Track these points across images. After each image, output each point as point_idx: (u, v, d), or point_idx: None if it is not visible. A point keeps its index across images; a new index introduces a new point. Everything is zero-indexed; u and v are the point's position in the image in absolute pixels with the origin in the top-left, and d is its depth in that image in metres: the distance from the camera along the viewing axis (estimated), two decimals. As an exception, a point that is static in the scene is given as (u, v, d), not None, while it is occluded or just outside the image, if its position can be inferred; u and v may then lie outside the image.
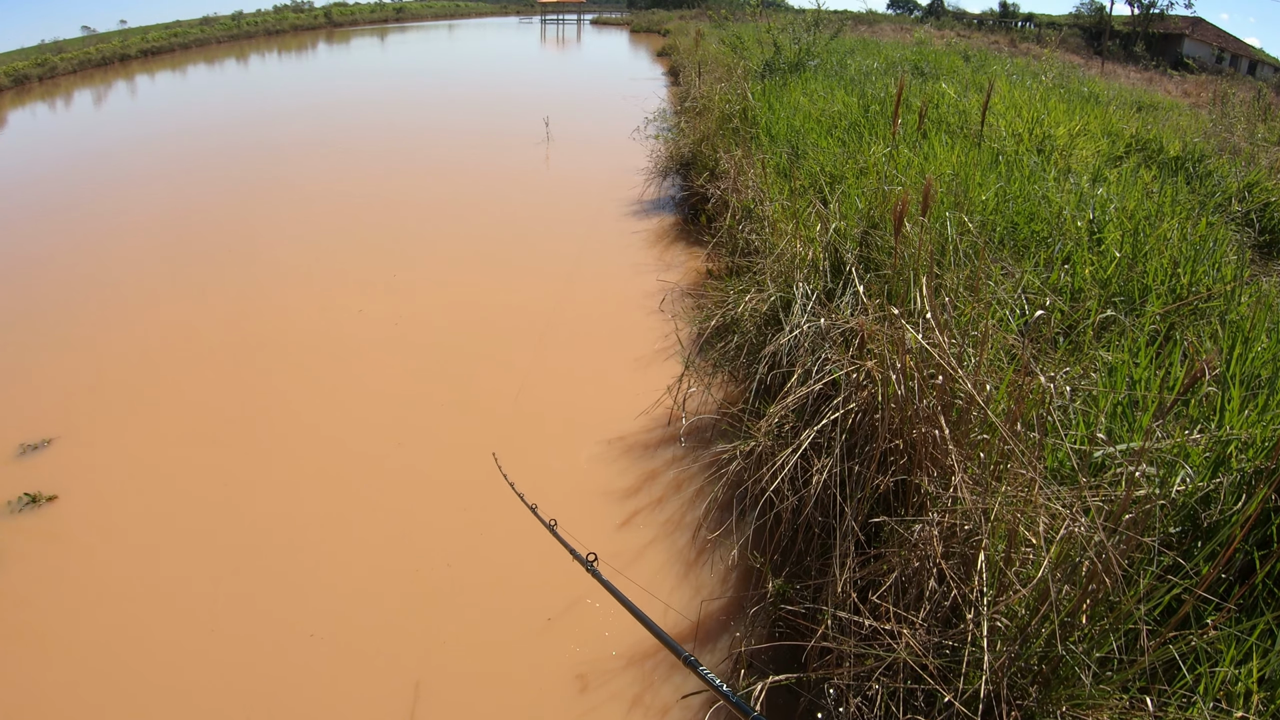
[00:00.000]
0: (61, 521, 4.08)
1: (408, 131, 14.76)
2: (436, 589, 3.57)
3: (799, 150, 6.93)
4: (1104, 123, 8.21)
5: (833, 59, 12.44)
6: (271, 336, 6.06)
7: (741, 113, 9.07)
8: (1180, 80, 22.46)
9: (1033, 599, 2.13)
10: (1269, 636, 2.04)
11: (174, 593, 3.58)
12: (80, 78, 28.40)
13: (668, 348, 5.64)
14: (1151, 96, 12.86)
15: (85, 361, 5.72)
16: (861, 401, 3.04)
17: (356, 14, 56.48)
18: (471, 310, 6.48)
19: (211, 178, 11.36)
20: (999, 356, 3.20)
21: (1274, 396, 2.72)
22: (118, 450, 4.68)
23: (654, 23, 45.23)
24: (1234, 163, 6.98)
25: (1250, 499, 2.21)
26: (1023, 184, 5.22)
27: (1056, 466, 2.66)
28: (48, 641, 3.35)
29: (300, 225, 8.99)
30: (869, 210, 4.72)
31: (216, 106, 19.48)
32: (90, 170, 12.39)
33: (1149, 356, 3.12)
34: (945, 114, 7.86)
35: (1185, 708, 1.95)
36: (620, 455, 4.50)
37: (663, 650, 3.21)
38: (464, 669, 3.17)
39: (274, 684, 3.12)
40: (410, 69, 28.11)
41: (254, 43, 41.54)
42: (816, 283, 4.31)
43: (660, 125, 12.03)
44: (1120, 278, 4.05)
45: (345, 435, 4.76)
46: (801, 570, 3.23)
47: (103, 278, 7.43)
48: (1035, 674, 2.11)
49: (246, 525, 4.01)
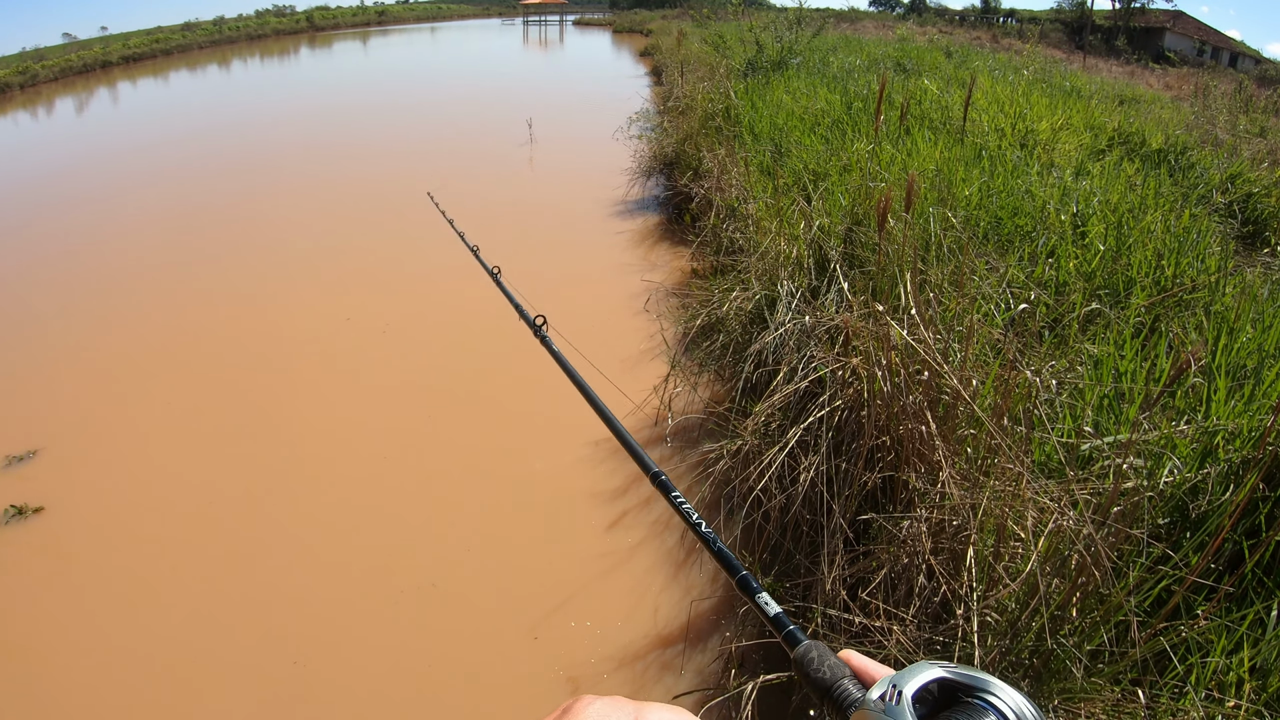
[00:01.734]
0: (48, 533, 4.03)
1: (389, 135, 14.70)
2: (426, 600, 3.54)
3: (782, 148, 6.93)
4: (1086, 117, 8.25)
5: (815, 57, 12.47)
6: (258, 346, 6.00)
7: (724, 111, 9.07)
8: (1162, 73, 22.60)
9: (1022, 593, 2.12)
10: (1259, 625, 2.04)
11: (162, 604, 3.53)
12: (62, 85, 28.26)
13: (653, 348, 5.62)
14: (1134, 90, 12.94)
15: (70, 372, 5.66)
16: (848, 399, 3.03)
17: (338, 17, 56.41)
18: (454, 312, 6.43)
19: (194, 185, 11.27)
20: (984, 351, 3.19)
21: (1259, 386, 2.73)
22: (104, 461, 4.62)
23: (636, 23, 45.27)
24: (1216, 154, 7.02)
25: (1238, 489, 2.21)
26: (1006, 179, 5.23)
27: (1044, 460, 2.65)
28: (35, 654, 3.30)
29: (283, 232, 8.92)
30: (853, 207, 4.72)
31: (199, 113, 19.35)
32: (72, 179, 12.27)
33: (1134, 349, 3.12)
34: (928, 110, 7.88)
35: (1177, 698, 1.95)
36: (608, 456, 4.47)
37: (654, 650, 3.20)
38: (455, 672, 3.15)
39: (264, 695, 3.08)
40: (391, 73, 28.05)
41: (236, 48, 41.39)
42: (801, 280, 4.30)
43: (644, 125, 12.01)
44: (1105, 271, 4.05)
45: (333, 444, 4.71)
46: (791, 568, 3.21)
47: (86, 287, 7.35)
48: (1026, 668, 2.10)
49: (235, 536, 3.96)
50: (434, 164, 12.11)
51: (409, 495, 4.24)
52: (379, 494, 4.25)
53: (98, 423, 5.00)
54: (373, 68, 30.66)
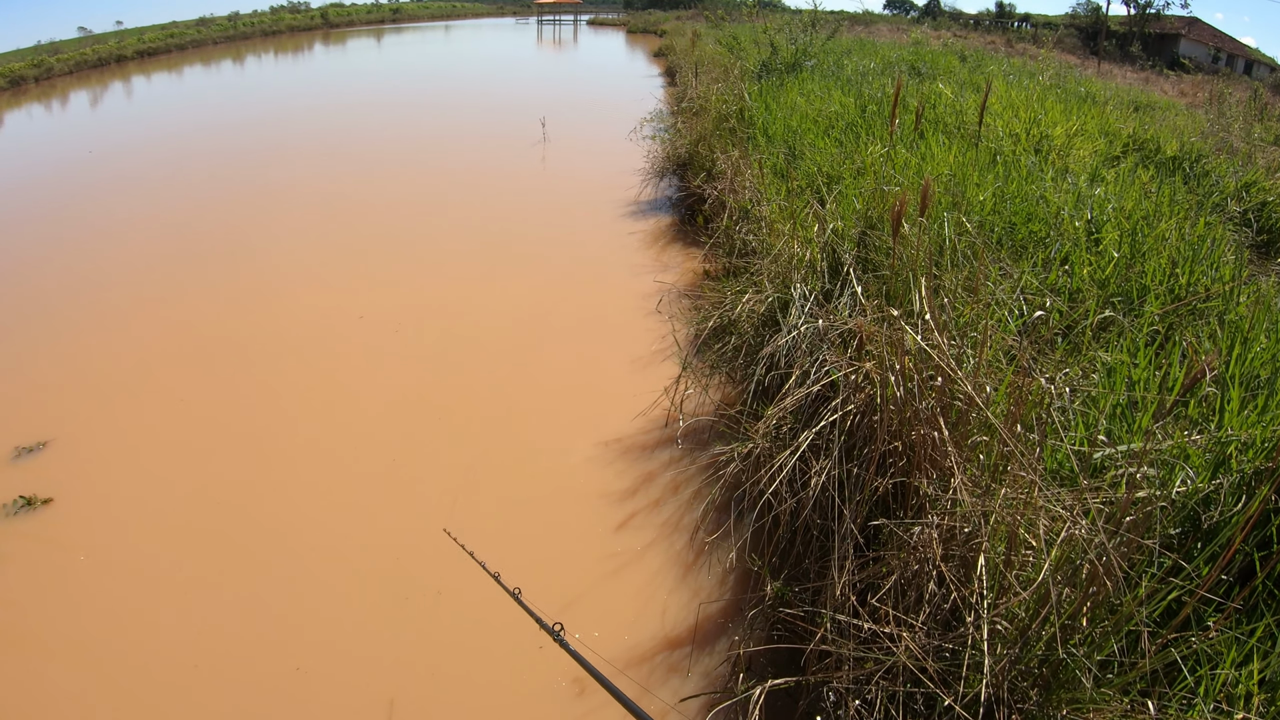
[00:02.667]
0: (57, 524, 4.06)
1: (403, 133, 14.74)
2: (431, 601, 3.55)
3: (796, 151, 6.92)
4: (1101, 123, 8.21)
5: (829, 59, 12.42)
6: (268, 340, 6.03)
7: (738, 113, 9.06)
8: (1176, 80, 22.51)
9: (1033, 602, 2.12)
10: (1270, 638, 2.03)
11: (170, 596, 3.56)
12: (76, 79, 28.34)
13: (665, 349, 5.63)
14: (1148, 96, 12.87)
15: (80, 364, 5.70)
16: (860, 403, 3.02)
17: (353, 15, 56.47)
18: (468, 313, 6.46)
19: (208, 180, 11.32)
20: (998, 357, 3.18)
21: (1274, 397, 2.72)
22: (113, 453, 4.65)
23: (650, 23, 45.27)
24: (1231, 162, 6.99)
25: (1251, 500, 2.20)
26: (1020, 184, 5.21)
27: (1056, 468, 2.64)
28: (43, 645, 3.33)
29: (296, 227, 8.96)
30: (866, 211, 4.71)
31: (212, 108, 19.42)
32: (84, 172, 12.34)
33: (1148, 357, 3.11)
34: (942, 114, 7.85)
35: (1186, 710, 1.94)
36: (617, 457, 4.48)
37: (662, 652, 3.21)
38: (461, 673, 3.16)
39: (270, 687, 3.10)
40: (406, 70, 28.09)
41: (250, 44, 41.49)
42: (814, 283, 4.29)
43: (657, 126, 12.01)
44: (1118, 278, 4.04)
45: (344, 440, 4.73)
46: (800, 573, 3.21)
47: (97, 280, 7.40)
48: (1036, 677, 2.10)
49: (243, 530, 3.99)
50: (455, 160, 12.15)
51: (415, 494, 4.25)
52: (385, 492, 4.27)
53: (108, 415, 5.04)
54: (397, 65, 30.69)
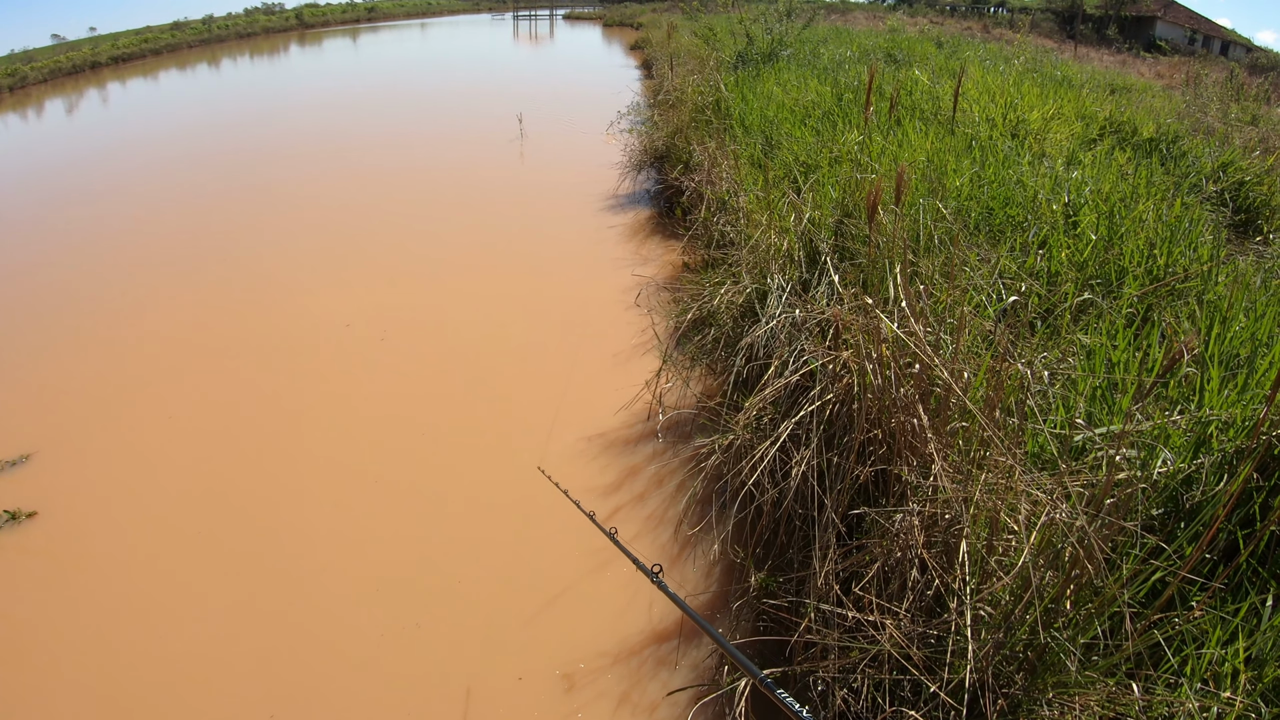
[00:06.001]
0: (42, 538, 4.00)
1: (379, 132, 14.60)
2: (418, 596, 3.52)
3: (773, 140, 6.90)
4: (1078, 106, 8.23)
5: (805, 48, 12.42)
6: (254, 349, 5.94)
7: (715, 104, 9.03)
8: (1153, 62, 22.62)
9: (1016, 586, 2.10)
10: (1255, 616, 2.03)
11: (156, 609, 3.51)
12: (51, 86, 28.06)
13: (645, 342, 5.60)
14: (1125, 79, 12.90)
15: (63, 375, 5.61)
16: (839, 392, 3.00)
17: (328, 15, 56.01)
18: (447, 313, 6.40)
19: (188, 186, 11.18)
20: (976, 343, 3.17)
21: (1253, 375, 2.71)
22: (98, 466, 4.58)
23: (627, 16, 45.03)
24: (1208, 143, 7.01)
25: (1232, 479, 2.20)
26: (997, 169, 5.21)
27: (1036, 452, 2.63)
28: (29, 659, 3.28)
29: (276, 230, 8.87)
30: (843, 199, 4.69)
31: (189, 113, 19.23)
32: (62, 181, 12.18)
33: (1127, 339, 3.11)
34: (919, 101, 7.85)
35: (1172, 690, 1.93)
36: (600, 452, 4.45)
37: (649, 646, 3.19)
38: (449, 669, 3.13)
39: (259, 701, 3.06)
40: (381, 69, 27.88)
41: (225, 47, 41.13)
42: (792, 273, 4.27)
43: (634, 119, 11.96)
44: (1097, 260, 4.04)
45: (330, 447, 4.67)
46: (784, 563, 3.19)
47: (79, 290, 7.29)
48: (1020, 661, 2.09)
49: (230, 541, 3.93)
50: (432, 158, 12.07)
51: (401, 492, 4.21)
52: (371, 490, 4.22)
53: (92, 427, 4.96)
54: (373, 64, 30.49)
